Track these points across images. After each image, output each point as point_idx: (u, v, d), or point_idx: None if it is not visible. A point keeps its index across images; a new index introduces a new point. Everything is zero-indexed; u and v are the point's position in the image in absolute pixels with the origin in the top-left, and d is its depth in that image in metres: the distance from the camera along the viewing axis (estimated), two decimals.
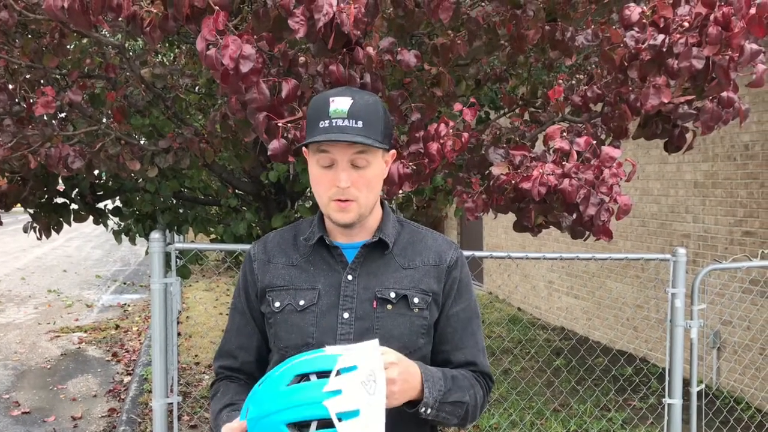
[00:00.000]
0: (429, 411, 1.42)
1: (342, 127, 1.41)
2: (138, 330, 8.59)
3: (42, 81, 3.46)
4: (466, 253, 3.05)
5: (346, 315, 1.50)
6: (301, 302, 1.52)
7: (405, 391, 1.37)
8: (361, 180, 1.46)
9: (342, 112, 1.42)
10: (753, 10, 2.25)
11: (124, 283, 12.56)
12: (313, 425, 1.23)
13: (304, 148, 1.54)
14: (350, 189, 1.45)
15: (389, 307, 1.50)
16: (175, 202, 5.06)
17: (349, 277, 1.52)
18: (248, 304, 1.61)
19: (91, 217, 4.49)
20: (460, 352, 1.58)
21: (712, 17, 2.33)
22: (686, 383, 3.48)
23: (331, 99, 1.44)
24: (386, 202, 1.67)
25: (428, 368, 1.46)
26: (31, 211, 4.12)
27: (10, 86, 3.14)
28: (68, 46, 3.15)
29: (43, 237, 4.24)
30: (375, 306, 1.50)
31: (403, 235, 1.59)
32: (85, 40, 3.93)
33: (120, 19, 2.22)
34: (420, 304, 1.52)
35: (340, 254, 1.55)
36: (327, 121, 1.43)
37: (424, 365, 1.46)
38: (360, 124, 1.42)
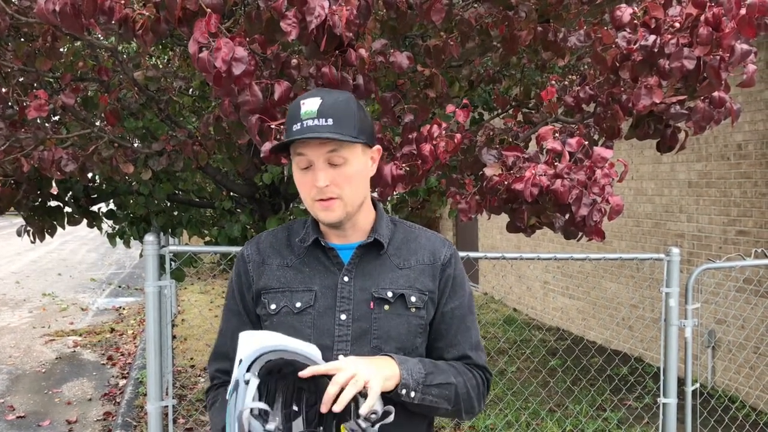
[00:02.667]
0: (413, 394, 1.42)
1: (312, 126, 1.43)
2: (133, 333, 8.57)
3: (35, 84, 3.45)
4: (461, 254, 3.05)
5: (343, 317, 1.50)
6: (298, 304, 1.51)
7: (380, 366, 1.37)
8: (339, 177, 1.46)
9: (312, 112, 1.44)
10: (743, 11, 2.26)
11: (119, 287, 12.53)
12: None
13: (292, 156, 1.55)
14: (330, 187, 1.46)
15: (386, 307, 1.50)
16: (169, 204, 5.06)
17: (345, 279, 1.52)
18: (244, 305, 1.60)
19: (85, 220, 4.49)
20: (454, 349, 1.58)
21: (702, 18, 2.33)
22: (681, 382, 3.49)
23: (301, 102, 1.47)
24: (379, 203, 1.67)
25: (402, 357, 1.46)
26: (25, 214, 4.11)
27: (3, 89, 3.14)
28: (61, 50, 3.14)
29: (37, 240, 4.24)
30: (372, 307, 1.50)
31: (397, 235, 1.60)
32: (77, 43, 3.92)
33: (112, 22, 2.22)
34: (417, 303, 1.52)
35: (336, 255, 1.55)
36: (299, 124, 1.44)
37: (397, 356, 1.46)
38: (330, 121, 1.43)
